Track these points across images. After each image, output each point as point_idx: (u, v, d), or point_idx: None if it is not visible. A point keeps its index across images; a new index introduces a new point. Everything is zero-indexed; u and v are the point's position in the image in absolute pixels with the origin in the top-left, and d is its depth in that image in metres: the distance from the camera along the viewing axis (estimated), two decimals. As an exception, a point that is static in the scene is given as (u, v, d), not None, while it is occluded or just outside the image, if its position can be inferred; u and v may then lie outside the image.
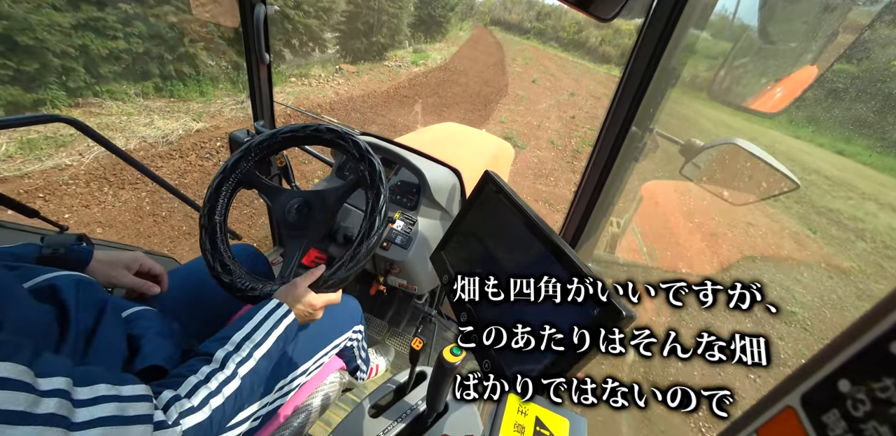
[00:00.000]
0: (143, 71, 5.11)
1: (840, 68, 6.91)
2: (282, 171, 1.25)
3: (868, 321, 0.20)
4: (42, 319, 0.50)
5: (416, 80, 9.37)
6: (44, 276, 0.59)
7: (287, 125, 0.93)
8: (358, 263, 0.78)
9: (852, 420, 0.20)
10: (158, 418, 0.47)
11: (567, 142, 7.22)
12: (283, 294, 0.74)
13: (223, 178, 0.90)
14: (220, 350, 0.60)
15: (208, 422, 0.52)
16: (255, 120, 1.54)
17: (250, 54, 1.35)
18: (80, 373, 0.42)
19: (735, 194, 1.01)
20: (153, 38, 5.10)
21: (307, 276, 0.77)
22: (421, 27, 14.07)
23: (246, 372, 0.60)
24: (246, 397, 0.60)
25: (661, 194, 4.29)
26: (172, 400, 0.51)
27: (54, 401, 0.37)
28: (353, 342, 1.04)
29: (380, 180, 0.82)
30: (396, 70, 9.85)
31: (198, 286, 0.90)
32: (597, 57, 19.51)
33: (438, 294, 1.70)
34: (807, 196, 5.45)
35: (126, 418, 0.43)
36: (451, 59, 12.53)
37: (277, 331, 0.67)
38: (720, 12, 1.93)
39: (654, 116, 0.92)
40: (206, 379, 0.55)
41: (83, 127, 1.10)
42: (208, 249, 0.85)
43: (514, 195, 0.71)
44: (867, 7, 0.84)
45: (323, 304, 0.77)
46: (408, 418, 0.84)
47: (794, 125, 8.07)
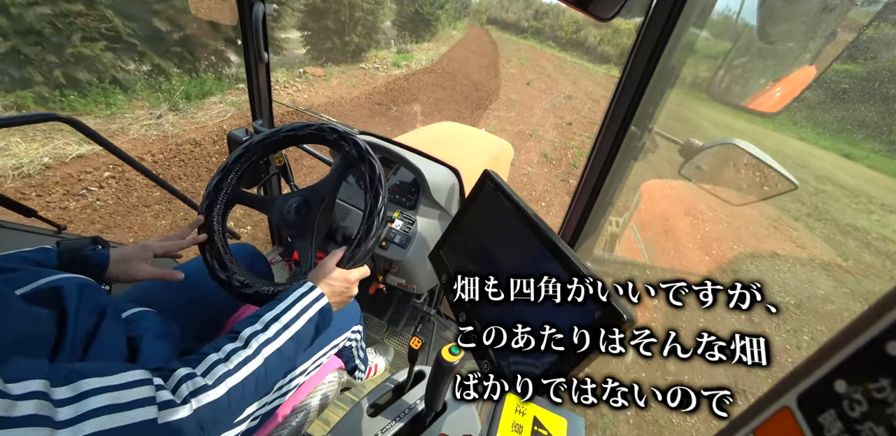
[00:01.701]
0: (20, 78, 4.02)
1: (844, 69, 6.81)
2: (280, 170, 1.25)
3: (864, 322, 0.20)
4: (35, 325, 0.49)
5: (395, 85, 8.41)
6: (48, 278, 0.59)
7: (288, 124, 0.93)
8: (376, 232, 0.78)
9: (848, 421, 0.20)
10: (164, 397, 0.46)
11: (562, 154, 6.37)
12: (315, 276, 0.74)
13: (223, 176, 0.90)
14: (247, 329, 0.60)
15: (225, 401, 0.51)
16: (254, 119, 1.54)
17: (249, 53, 1.35)
18: (59, 373, 0.41)
19: (733, 194, 1.01)
20: (26, 35, 3.93)
21: (332, 256, 0.77)
22: (408, 25, 13.22)
23: (270, 352, 0.59)
24: (269, 378, 0.59)
25: (660, 194, 4.30)
26: (186, 378, 0.50)
27: (32, 403, 0.36)
28: (352, 342, 1.04)
29: (367, 153, 0.83)
30: (373, 73, 8.87)
31: (197, 286, 0.90)
32: (596, 57, 19.29)
33: (437, 293, 1.70)
34: (828, 212, 5.06)
35: (123, 405, 0.42)
36: (438, 60, 11.60)
37: (308, 314, 0.66)
38: (722, 12, 1.91)
39: (654, 115, 0.92)
40: (225, 358, 0.55)
41: (80, 126, 1.09)
42: (207, 249, 0.85)
43: (514, 194, 0.71)
44: (866, 7, 0.84)
45: (357, 277, 0.77)
46: (406, 417, 0.84)
47: (798, 127, 7.92)
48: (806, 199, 5.37)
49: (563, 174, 5.59)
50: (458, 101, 8.29)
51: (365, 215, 0.79)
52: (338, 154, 1.46)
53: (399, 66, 9.81)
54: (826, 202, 5.36)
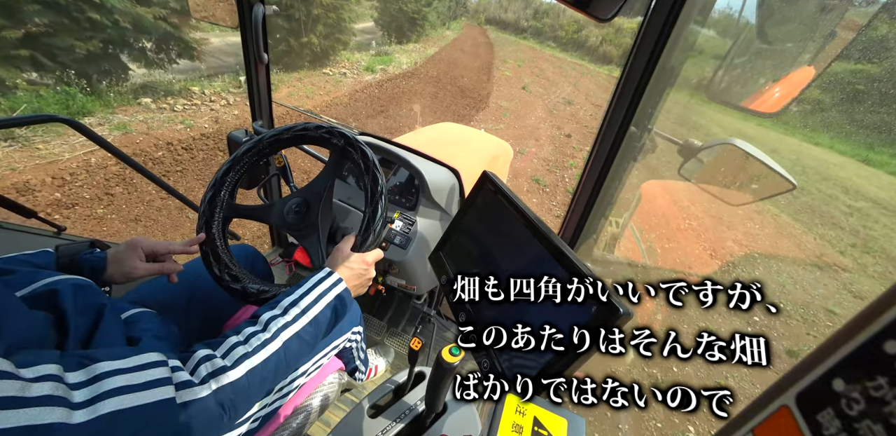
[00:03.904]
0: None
1: (859, 69, 6.58)
2: (280, 171, 1.25)
3: (862, 321, 0.20)
4: (36, 328, 0.50)
5: (364, 93, 7.17)
6: (45, 280, 0.59)
7: (275, 128, 0.93)
8: (382, 213, 0.80)
9: (847, 419, 0.20)
10: (181, 378, 0.46)
11: (558, 178, 5.10)
12: (332, 263, 0.75)
13: (214, 192, 0.89)
14: (266, 313, 0.60)
15: (245, 381, 0.52)
16: (254, 120, 1.54)
17: (249, 54, 1.35)
18: (71, 360, 0.42)
19: (732, 194, 1.01)
20: None
21: (345, 241, 0.78)
22: (392, 25, 11.91)
23: (289, 336, 0.59)
24: (289, 361, 0.59)
25: (661, 194, 4.27)
26: (204, 359, 0.50)
27: (47, 384, 0.37)
28: (352, 343, 1.04)
29: (356, 141, 0.84)
30: (338, 79, 7.64)
31: (197, 287, 0.90)
32: (597, 57, 18.99)
33: (437, 294, 1.70)
34: (874, 239, 4.41)
35: (139, 386, 0.42)
36: (423, 63, 10.47)
37: (327, 298, 0.67)
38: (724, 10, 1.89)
39: (653, 115, 0.92)
40: (244, 340, 0.55)
41: (79, 126, 1.09)
42: (214, 264, 0.84)
43: (513, 195, 0.71)
44: (864, 8, 0.84)
45: (373, 259, 0.79)
46: (406, 418, 0.84)
47: (811, 130, 7.61)
48: (843, 221, 4.96)
49: (558, 207, 4.31)
50: (437, 111, 7.14)
51: (367, 198, 0.80)
52: (329, 149, 1.47)
53: (373, 71, 8.68)
54: (867, 225, 4.88)
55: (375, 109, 6.58)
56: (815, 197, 5.69)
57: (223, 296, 0.82)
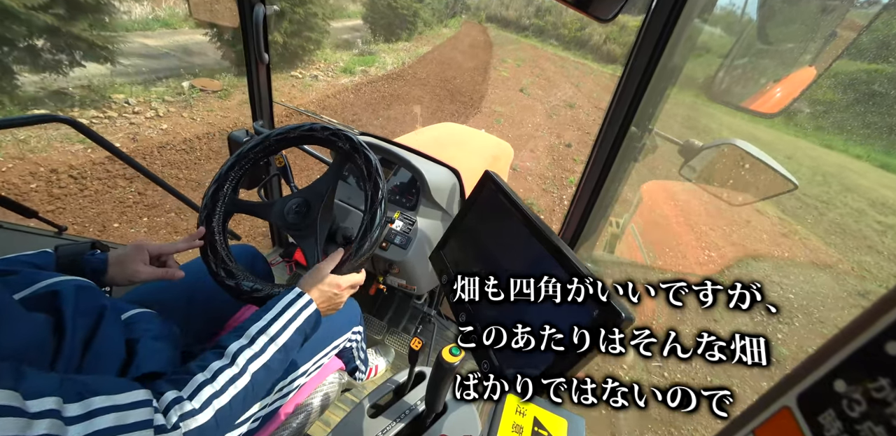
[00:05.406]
0: None
1: (874, 69, 6.23)
2: (281, 171, 1.25)
3: (864, 322, 0.20)
4: (35, 333, 0.50)
5: (336, 99, 6.26)
6: (46, 281, 0.59)
7: (280, 127, 0.93)
8: (380, 221, 0.78)
9: (848, 420, 0.20)
10: (158, 421, 0.47)
11: (555, 200, 4.49)
12: (305, 282, 0.73)
13: (218, 186, 0.89)
14: (233, 343, 0.59)
15: (213, 423, 0.52)
16: (255, 120, 1.54)
17: (249, 54, 1.35)
18: (71, 388, 0.43)
19: (733, 194, 1.01)
20: None
21: (328, 260, 0.76)
22: (380, 22, 10.92)
23: (257, 368, 0.59)
24: (257, 392, 0.59)
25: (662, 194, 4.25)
26: (174, 402, 0.51)
27: (46, 422, 0.38)
28: (353, 343, 1.04)
29: (361, 145, 0.83)
30: (307, 84, 6.64)
31: (197, 287, 0.90)
32: (601, 56, 18.37)
33: (438, 294, 1.70)
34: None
35: (126, 427, 0.43)
36: (412, 63, 9.58)
37: (296, 323, 0.65)
38: (729, 8, 1.90)
39: (654, 115, 0.92)
40: (212, 378, 0.55)
41: (81, 127, 1.10)
42: (211, 259, 0.84)
43: (514, 195, 0.71)
44: (864, 9, 0.84)
45: (349, 284, 0.76)
46: (407, 418, 0.84)
47: (823, 132, 7.17)
48: (878, 243, 4.38)
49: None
50: (420, 117, 6.44)
51: (367, 206, 0.79)
52: (333, 151, 1.46)
53: (352, 73, 7.70)
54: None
55: (345, 118, 5.62)
56: (842, 212, 5.10)
57: (223, 296, 0.82)
